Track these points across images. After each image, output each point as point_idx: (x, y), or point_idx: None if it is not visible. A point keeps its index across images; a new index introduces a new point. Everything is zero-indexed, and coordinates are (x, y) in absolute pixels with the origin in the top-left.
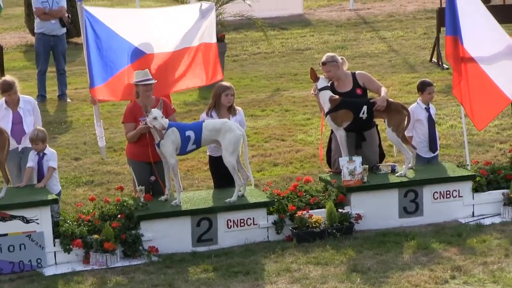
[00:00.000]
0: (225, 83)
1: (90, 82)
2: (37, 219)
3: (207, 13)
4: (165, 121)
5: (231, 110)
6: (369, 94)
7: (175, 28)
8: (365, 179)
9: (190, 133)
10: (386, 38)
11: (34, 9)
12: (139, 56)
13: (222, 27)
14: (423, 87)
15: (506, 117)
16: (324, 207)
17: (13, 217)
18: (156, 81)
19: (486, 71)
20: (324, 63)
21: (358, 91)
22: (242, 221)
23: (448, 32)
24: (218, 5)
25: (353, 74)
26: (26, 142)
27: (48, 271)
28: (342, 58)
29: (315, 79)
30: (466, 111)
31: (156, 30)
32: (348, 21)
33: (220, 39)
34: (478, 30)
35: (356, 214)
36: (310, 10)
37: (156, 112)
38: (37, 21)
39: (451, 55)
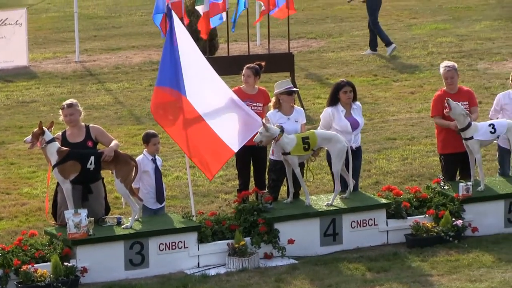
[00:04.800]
0: None
1: None
2: None
3: None
4: None
5: None
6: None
7: None
8: (91, 231)
9: None
10: (112, 90)
11: None
12: None
13: None
14: (148, 139)
15: (230, 168)
16: (50, 261)
17: None
18: None
19: (210, 125)
20: (69, 105)
21: (89, 143)
22: None
23: (160, 83)
24: None
25: (87, 127)
26: None
27: None
28: None
29: (42, 132)
30: (196, 163)
31: None
32: (74, 73)
33: None
34: (201, 83)
35: (81, 267)
36: (35, 62)
37: None
38: None
39: (157, 105)
